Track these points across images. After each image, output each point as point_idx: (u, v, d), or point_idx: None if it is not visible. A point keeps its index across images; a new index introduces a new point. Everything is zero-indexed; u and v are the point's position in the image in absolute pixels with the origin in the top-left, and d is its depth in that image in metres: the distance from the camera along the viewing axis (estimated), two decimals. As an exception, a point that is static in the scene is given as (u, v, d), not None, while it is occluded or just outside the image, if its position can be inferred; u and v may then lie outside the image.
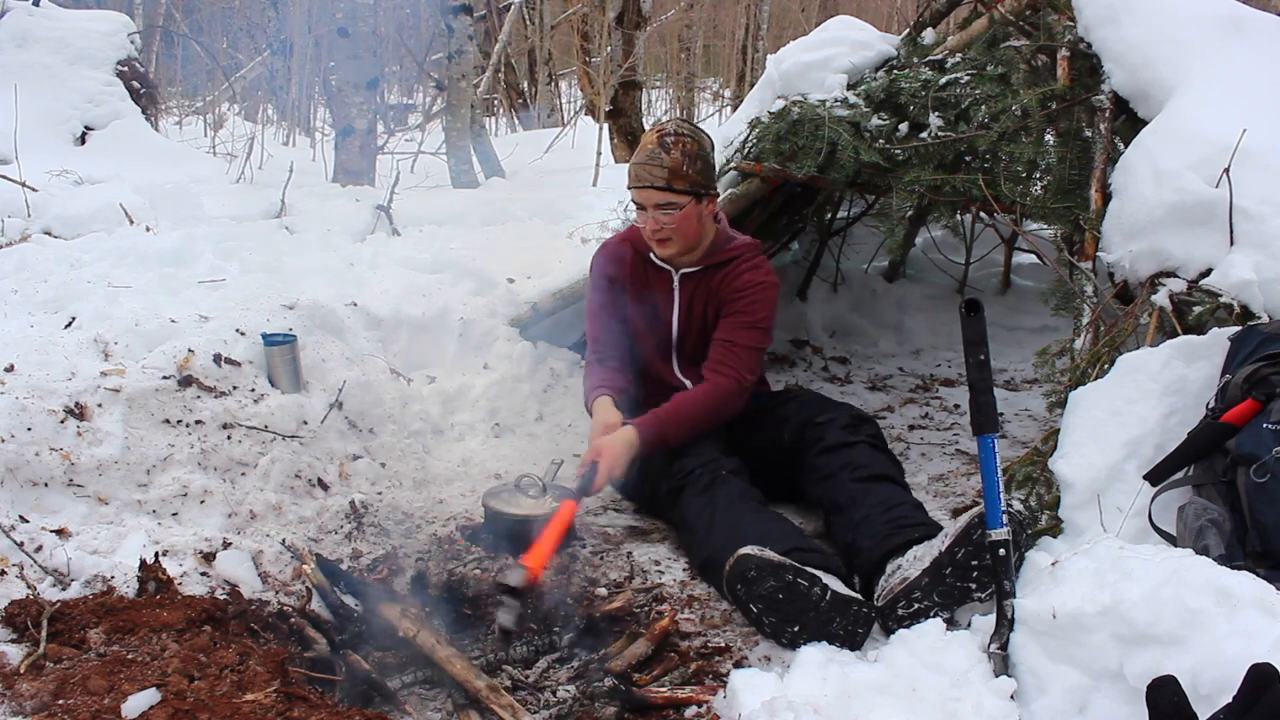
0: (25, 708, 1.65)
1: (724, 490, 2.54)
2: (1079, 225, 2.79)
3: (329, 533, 2.57)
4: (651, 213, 2.79)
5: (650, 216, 2.80)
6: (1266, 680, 1.42)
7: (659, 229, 2.81)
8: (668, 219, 2.78)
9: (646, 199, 2.79)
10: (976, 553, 2.13)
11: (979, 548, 2.12)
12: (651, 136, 2.82)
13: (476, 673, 2.00)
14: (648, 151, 2.77)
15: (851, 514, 2.43)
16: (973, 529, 2.13)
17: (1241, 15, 2.99)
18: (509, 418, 3.34)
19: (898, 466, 2.67)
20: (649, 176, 2.75)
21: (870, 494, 2.46)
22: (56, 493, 2.30)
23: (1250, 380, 2.07)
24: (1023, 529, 2.14)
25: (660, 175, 2.74)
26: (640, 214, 2.84)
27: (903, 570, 2.20)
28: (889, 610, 2.17)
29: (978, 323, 2.10)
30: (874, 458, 2.60)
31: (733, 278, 2.89)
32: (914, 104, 3.15)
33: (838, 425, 2.70)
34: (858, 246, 5.09)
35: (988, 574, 2.11)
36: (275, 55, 10.93)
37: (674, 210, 2.77)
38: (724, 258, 2.91)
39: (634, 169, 2.80)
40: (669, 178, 2.73)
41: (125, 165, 5.62)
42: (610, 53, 7.99)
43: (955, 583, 2.15)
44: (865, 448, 2.62)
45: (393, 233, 4.32)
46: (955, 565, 2.14)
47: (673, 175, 2.73)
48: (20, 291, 3.18)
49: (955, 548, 2.14)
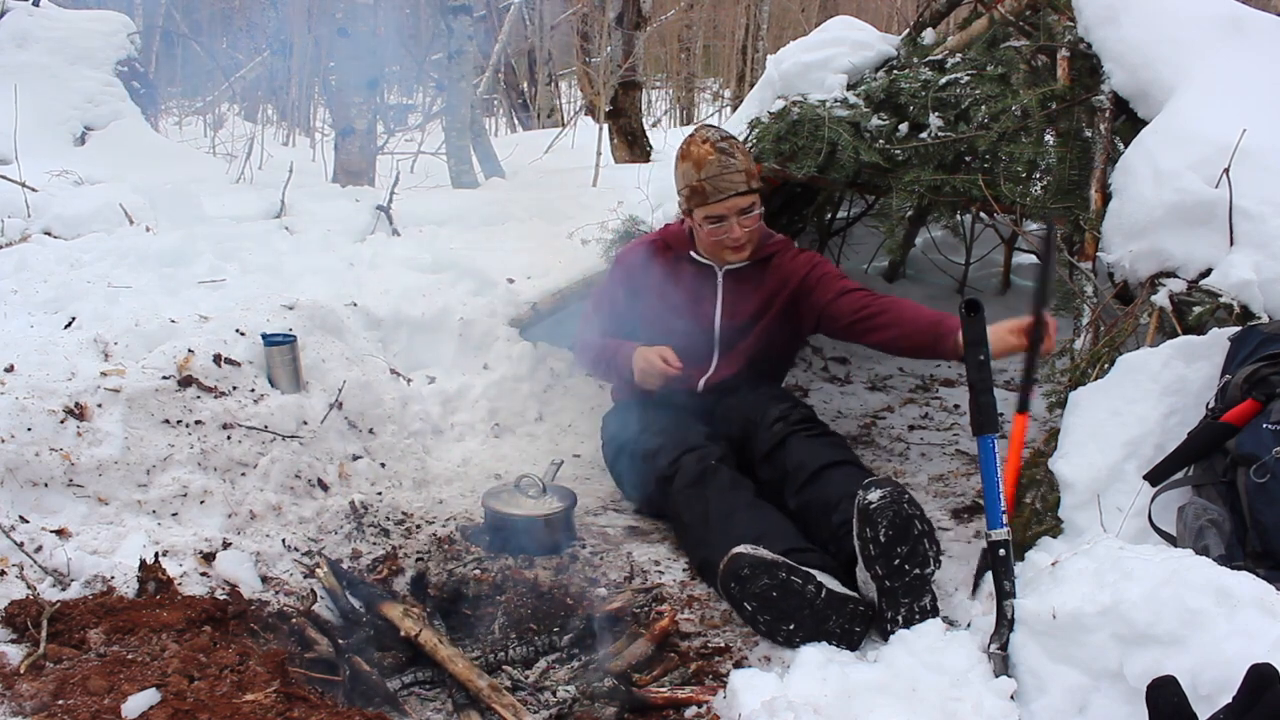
0: (25, 708, 1.65)
1: (715, 482, 2.53)
2: (1079, 225, 2.79)
3: (329, 533, 2.57)
4: (736, 220, 2.78)
5: (735, 224, 2.78)
6: (1266, 680, 1.42)
7: (740, 236, 2.80)
8: (750, 220, 2.79)
9: (732, 207, 2.77)
10: (889, 556, 2.11)
11: (886, 553, 2.11)
12: (703, 149, 2.76)
13: (478, 672, 2.00)
14: (712, 163, 2.72)
15: (806, 528, 2.44)
16: (865, 548, 2.12)
17: (1241, 15, 2.99)
18: (509, 418, 3.34)
19: (834, 446, 2.64)
20: (732, 185, 2.73)
21: (811, 506, 2.47)
22: (56, 493, 2.30)
23: (1250, 380, 2.07)
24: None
25: (741, 181, 2.74)
26: (715, 227, 2.80)
27: (866, 595, 2.20)
28: (885, 635, 2.16)
29: (978, 323, 2.10)
30: (808, 452, 2.57)
31: (791, 267, 2.90)
32: (914, 104, 3.15)
33: (766, 425, 2.69)
34: (858, 246, 5.09)
35: (914, 555, 2.11)
36: (275, 55, 10.92)
37: (755, 211, 2.80)
38: (768, 252, 2.95)
39: (710, 184, 2.74)
40: (748, 179, 2.76)
41: (125, 165, 5.61)
42: (610, 53, 7.98)
43: (903, 581, 2.13)
44: (797, 440, 2.61)
45: (393, 233, 4.32)
46: (889, 576, 2.13)
47: (749, 176, 2.76)
48: (20, 291, 3.18)
49: (873, 568, 2.14)
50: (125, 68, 7.20)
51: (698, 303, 2.96)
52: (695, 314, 2.96)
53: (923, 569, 2.14)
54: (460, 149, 6.71)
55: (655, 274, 2.97)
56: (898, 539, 2.11)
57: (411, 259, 3.84)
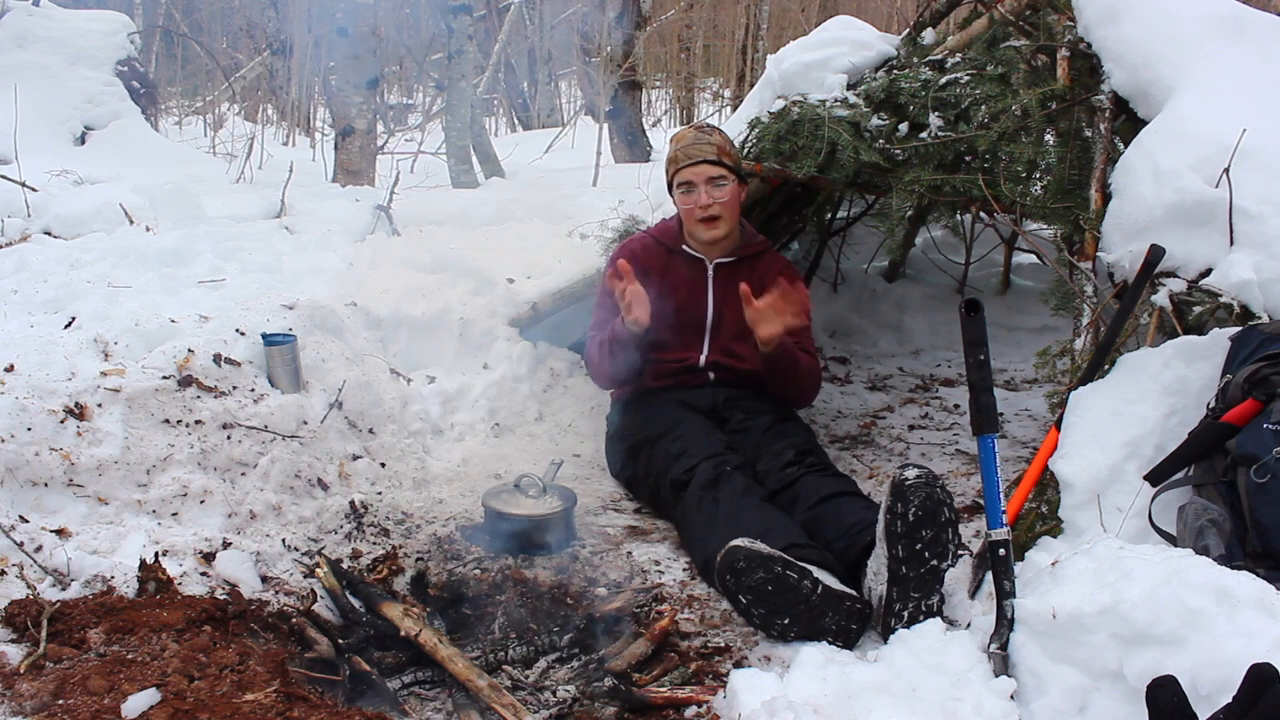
0: (25, 708, 1.65)
1: (728, 486, 2.54)
2: (1079, 225, 2.79)
3: (329, 533, 2.57)
4: (704, 188, 2.96)
5: (703, 192, 2.96)
6: (1266, 680, 1.42)
7: (710, 204, 2.97)
8: (719, 193, 2.96)
9: (699, 174, 2.96)
10: (911, 539, 2.12)
11: (909, 534, 2.12)
12: (687, 131, 3.07)
13: (478, 672, 2.00)
14: (690, 138, 3.02)
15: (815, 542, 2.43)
16: (891, 525, 2.13)
17: (1241, 15, 2.99)
18: (509, 418, 3.34)
19: (844, 480, 2.69)
20: (700, 153, 2.97)
21: (822, 517, 2.47)
22: (56, 493, 2.30)
23: (1251, 380, 2.06)
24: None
25: (710, 150, 2.97)
26: (687, 197, 3.01)
27: (874, 590, 2.21)
28: (888, 630, 2.15)
29: (978, 323, 2.10)
30: (819, 484, 2.59)
31: (774, 274, 3.01)
32: (914, 104, 3.14)
33: (779, 466, 2.70)
34: (858, 246, 5.09)
35: (936, 545, 2.12)
36: (275, 55, 10.93)
37: (725, 184, 2.97)
38: (755, 250, 3.13)
39: (681, 151, 3.00)
40: (718, 153, 2.98)
41: (125, 165, 5.62)
42: (610, 53, 7.98)
43: (918, 572, 2.14)
44: (809, 478, 2.62)
45: (393, 233, 4.31)
46: (905, 562, 2.13)
47: (720, 151, 2.98)
48: (20, 291, 3.18)
49: (892, 550, 2.14)
50: (125, 68, 7.21)
51: (691, 294, 3.07)
52: (689, 305, 3.06)
53: (940, 561, 2.14)
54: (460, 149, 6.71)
55: (649, 267, 3.06)
56: (925, 520, 2.12)
57: (411, 259, 3.84)
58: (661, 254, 3.11)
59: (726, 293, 3.04)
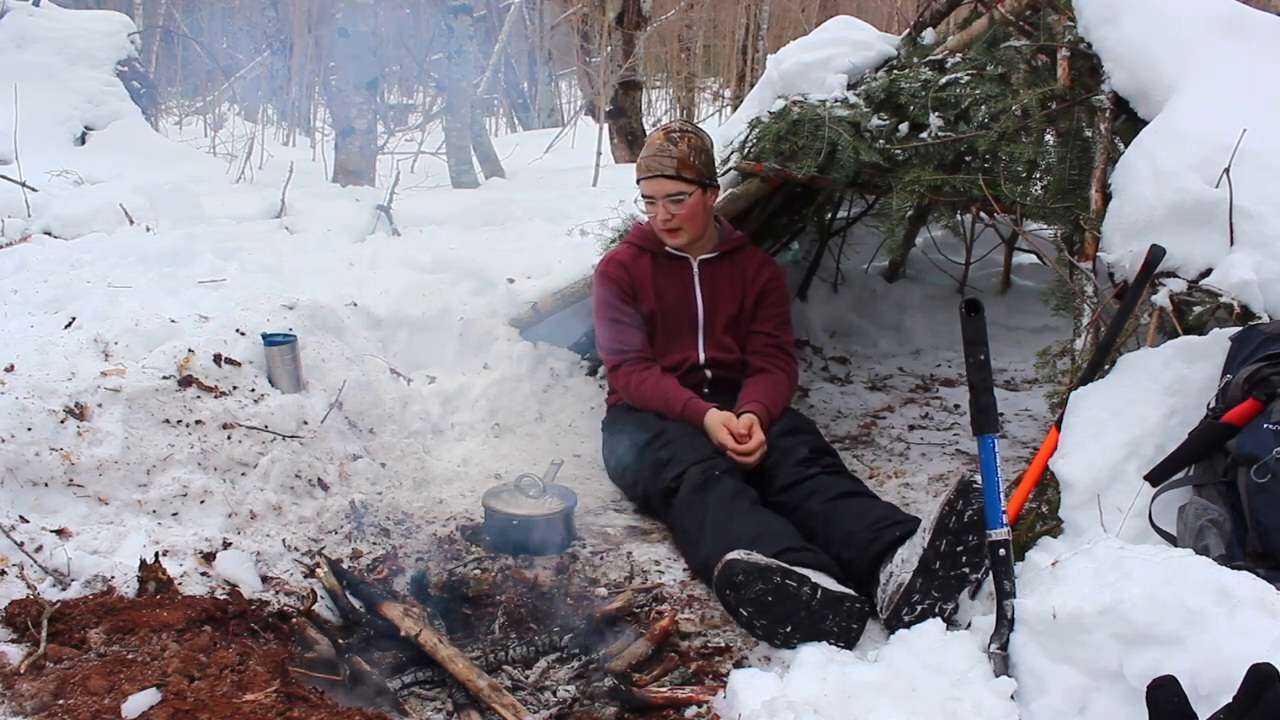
0: (25, 708, 1.65)
1: (716, 490, 2.54)
2: (1079, 225, 2.79)
3: (329, 533, 2.57)
4: (662, 202, 2.97)
5: (661, 206, 2.97)
6: (1266, 680, 1.42)
7: (669, 218, 2.99)
8: (677, 208, 2.97)
9: (657, 189, 2.97)
10: (958, 538, 2.14)
11: (958, 533, 2.13)
12: (658, 134, 3.05)
13: (478, 672, 2.00)
14: (656, 146, 3.00)
15: (830, 532, 2.42)
16: (947, 517, 2.14)
17: (1241, 15, 2.99)
18: (509, 418, 3.34)
19: (860, 484, 2.68)
20: (659, 167, 2.97)
21: (841, 510, 2.46)
22: (56, 493, 2.30)
23: (1251, 380, 2.06)
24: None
25: (670, 165, 2.95)
26: (650, 207, 3.03)
27: (895, 577, 2.20)
28: (894, 619, 2.16)
29: (978, 323, 2.10)
30: (835, 482, 2.59)
31: (758, 269, 3.13)
32: (914, 104, 3.14)
33: (791, 462, 2.68)
34: (858, 246, 5.08)
35: (975, 554, 2.13)
36: (275, 55, 10.93)
37: (683, 199, 2.96)
38: (735, 244, 3.16)
39: (643, 162, 3.02)
40: (678, 167, 2.95)
41: (125, 165, 5.63)
42: (610, 53, 7.98)
43: (948, 573, 2.15)
44: (825, 476, 2.61)
45: (393, 233, 4.32)
46: (942, 557, 2.14)
47: (681, 165, 2.95)
48: (20, 291, 3.19)
49: (936, 541, 2.14)
50: (125, 68, 7.22)
51: (681, 294, 3.12)
52: (680, 304, 3.12)
53: (971, 571, 2.16)
54: (460, 149, 6.72)
55: (639, 277, 3.12)
56: (977, 527, 2.12)
57: (411, 259, 3.84)
58: (646, 260, 3.13)
59: (713, 288, 3.11)
